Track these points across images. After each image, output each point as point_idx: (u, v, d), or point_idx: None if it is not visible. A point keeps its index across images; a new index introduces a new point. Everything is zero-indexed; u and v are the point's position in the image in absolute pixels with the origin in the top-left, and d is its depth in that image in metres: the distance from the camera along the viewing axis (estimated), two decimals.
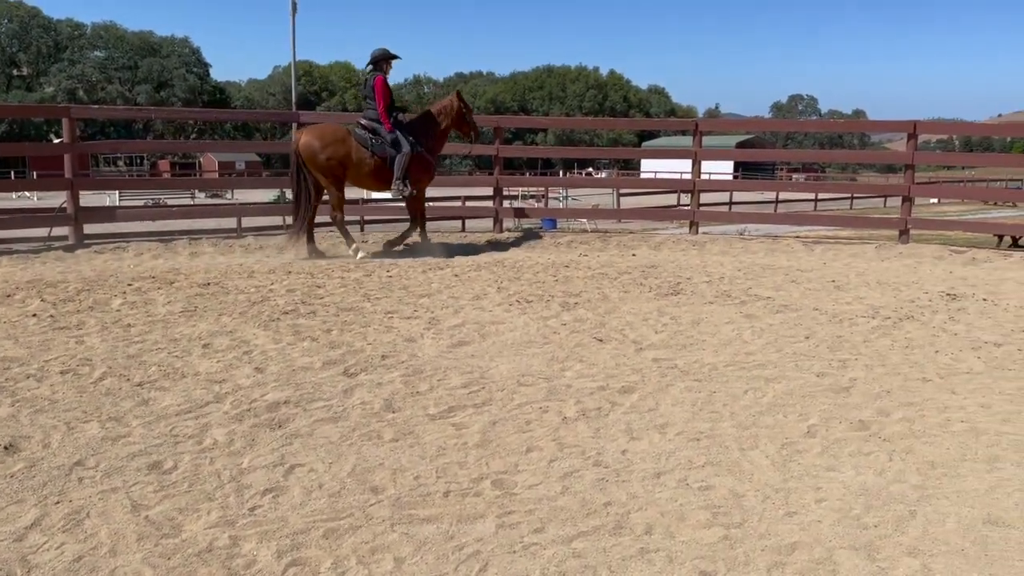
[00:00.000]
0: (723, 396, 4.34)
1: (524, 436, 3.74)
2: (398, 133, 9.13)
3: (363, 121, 9.23)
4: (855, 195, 33.17)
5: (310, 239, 9.27)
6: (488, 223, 12.02)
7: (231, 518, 2.91)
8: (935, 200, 32.52)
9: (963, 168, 61.50)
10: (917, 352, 5.29)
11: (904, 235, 10.75)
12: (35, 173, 44.26)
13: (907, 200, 10.92)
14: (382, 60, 9.24)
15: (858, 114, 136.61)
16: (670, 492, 3.16)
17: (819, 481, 3.28)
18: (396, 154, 9.05)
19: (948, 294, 7.28)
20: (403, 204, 10.12)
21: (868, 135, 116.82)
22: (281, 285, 7.35)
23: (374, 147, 9.06)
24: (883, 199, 33.13)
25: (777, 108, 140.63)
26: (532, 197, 22.92)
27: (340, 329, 5.72)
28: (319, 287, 7.31)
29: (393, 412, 4.04)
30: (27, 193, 38.69)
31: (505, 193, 12.23)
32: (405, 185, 9.13)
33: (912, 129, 10.79)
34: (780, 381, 4.61)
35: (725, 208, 23.69)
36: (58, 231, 10.31)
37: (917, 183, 11.30)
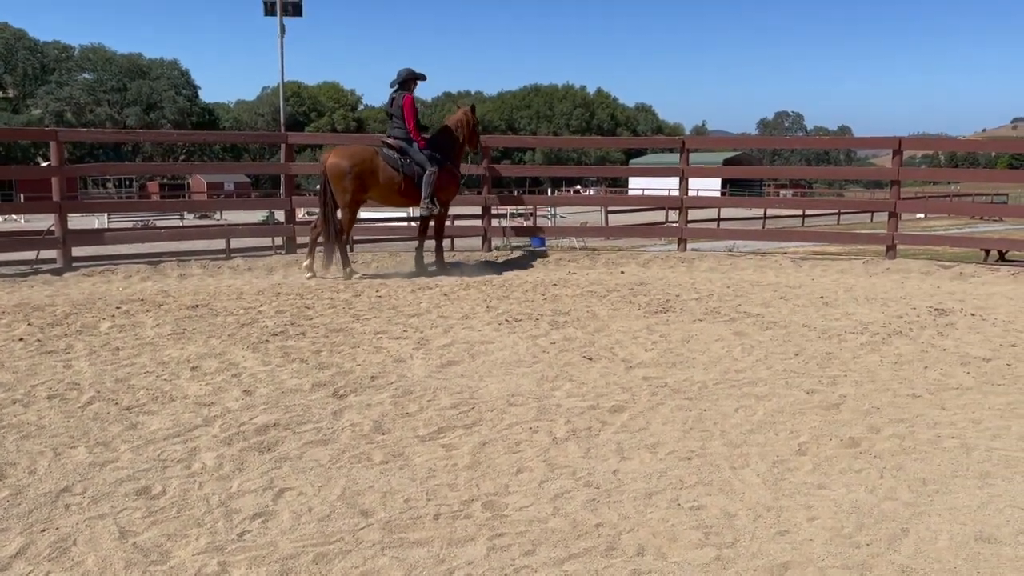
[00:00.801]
0: (714, 414, 4.34)
1: (514, 457, 3.72)
2: (429, 150, 9.30)
3: (390, 140, 9.35)
4: (842, 211, 33.45)
5: (345, 261, 9.22)
6: (477, 242, 12.03)
7: (220, 544, 2.88)
8: (922, 215, 32.77)
9: (949, 183, 62.08)
10: (906, 368, 5.31)
11: (891, 250, 10.82)
12: (22, 196, 44.03)
13: (893, 216, 11.00)
14: (409, 80, 9.39)
15: (844, 130, 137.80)
16: (661, 512, 3.15)
17: (810, 499, 3.28)
18: (424, 172, 9.15)
19: (936, 309, 7.32)
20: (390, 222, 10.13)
21: (854, 151, 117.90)
22: (270, 306, 7.33)
23: (402, 166, 9.19)
24: (870, 214, 33.38)
25: (763, 125, 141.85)
26: (520, 215, 22.98)
27: (330, 350, 5.70)
28: (308, 308, 7.28)
29: (383, 434, 4.02)
30: (14, 216, 38.46)
31: (493, 212, 12.25)
32: (433, 203, 9.30)
33: (897, 145, 10.90)
34: (770, 398, 4.62)
35: (713, 225, 23.80)
36: (46, 254, 10.25)
37: (903, 198, 11.38)
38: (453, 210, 11.64)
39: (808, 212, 31.36)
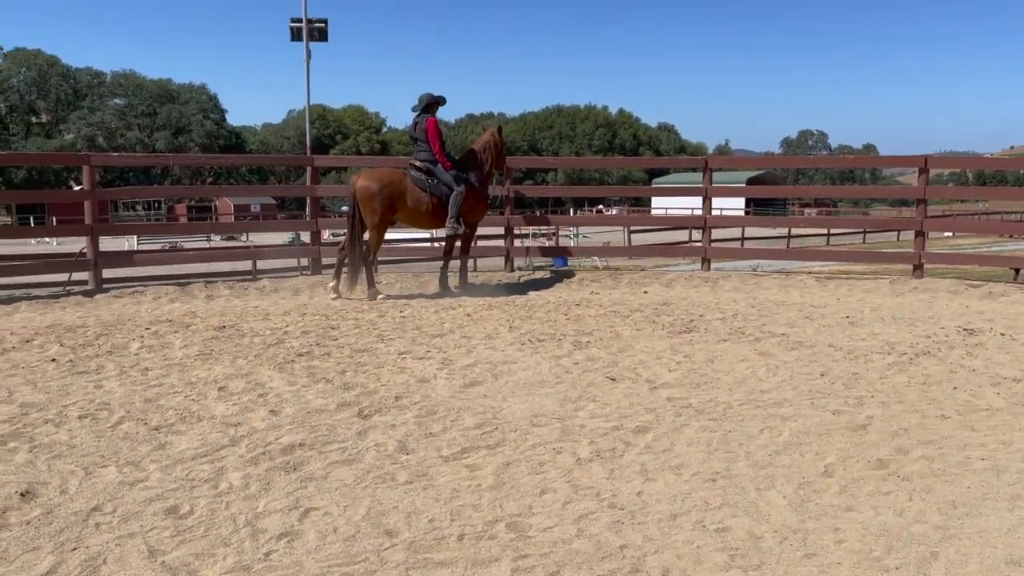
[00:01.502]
0: (738, 435, 4.31)
1: (538, 478, 3.73)
2: (456, 171, 9.43)
3: (417, 163, 9.47)
4: (868, 230, 33.16)
5: (371, 281, 9.32)
6: (499, 262, 12.08)
7: (247, 563, 2.90)
8: (949, 234, 32.40)
9: (977, 201, 61.35)
10: (935, 388, 5.25)
11: (918, 269, 10.71)
12: (55, 219, 44.86)
13: (920, 234, 10.90)
14: (431, 104, 9.54)
15: (869, 149, 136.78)
16: (686, 534, 3.14)
17: (838, 522, 3.25)
18: (451, 192, 9.25)
19: (965, 329, 7.23)
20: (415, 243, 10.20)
21: (880, 169, 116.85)
22: (296, 327, 7.40)
23: (431, 187, 9.32)
24: (896, 233, 33.08)
25: (787, 144, 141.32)
26: (543, 235, 23.03)
27: (354, 370, 5.74)
28: (334, 328, 7.35)
29: (407, 454, 4.04)
30: (47, 239, 39.20)
31: (516, 232, 12.29)
32: (459, 223, 9.41)
33: (923, 164, 10.82)
34: (796, 419, 4.58)
35: (737, 244, 23.70)
36: (78, 276, 10.44)
37: (930, 217, 11.28)
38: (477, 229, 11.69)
39: (833, 231, 31.12)
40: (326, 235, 14.91)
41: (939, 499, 3.46)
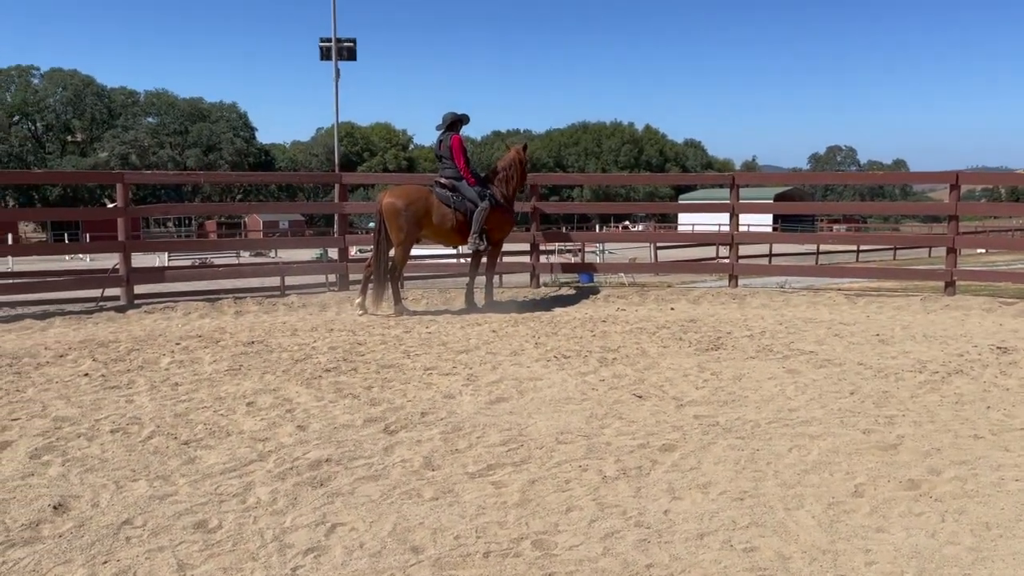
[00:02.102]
0: (766, 454, 4.27)
1: (564, 495, 3.71)
2: (480, 188, 9.52)
3: (442, 180, 9.57)
4: (898, 246, 32.73)
5: (397, 297, 9.40)
6: (525, 278, 12.09)
7: None
8: (982, 250, 31.89)
9: (1011, 217, 60.33)
10: (968, 408, 5.16)
11: (950, 287, 10.56)
12: (88, 236, 45.69)
13: (952, 251, 10.76)
14: (456, 122, 9.67)
15: (899, 164, 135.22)
16: (714, 554, 3.11)
17: (868, 543, 3.20)
18: (475, 208, 9.32)
19: (999, 347, 7.11)
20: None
21: (910, 185, 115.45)
22: (323, 343, 7.46)
23: (455, 204, 9.40)
24: (928, 250, 32.62)
25: (815, 159, 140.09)
26: (569, 251, 23.01)
27: (381, 386, 5.77)
28: (360, 344, 7.40)
29: (433, 470, 4.05)
30: (81, 255, 39.88)
31: (542, 248, 12.30)
32: (482, 239, 9.48)
33: (955, 180, 10.69)
34: (825, 438, 4.53)
35: (765, 260, 23.52)
36: (110, 292, 10.61)
37: (962, 233, 11.12)
38: (503, 246, 11.72)
39: (863, 247, 30.76)
40: (353, 251, 15.03)
41: (972, 521, 3.40)
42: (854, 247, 30.50)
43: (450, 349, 7.16)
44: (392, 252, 9.38)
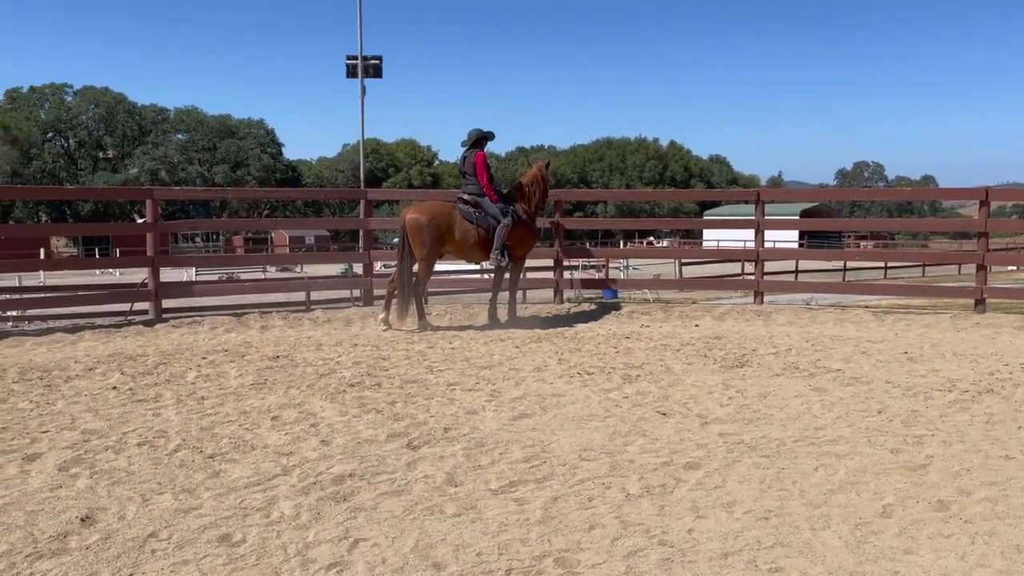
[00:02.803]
0: (792, 473, 4.22)
1: (586, 513, 3.69)
2: (503, 204, 9.59)
3: (465, 196, 9.65)
4: (927, 263, 32.33)
5: (421, 312, 9.46)
6: (549, 294, 12.08)
7: None
8: (1013, 268, 31.40)
9: None
10: (999, 428, 5.07)
11: (980, 304, 10.40)
12: (118, 251, 46.39)
13: (982, 268, 10.61)
14: (481, 139, 9.76)
15: (927, 180, 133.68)
16: (738, 574, 3.07)
17: (896, 565, 3.15)
18: (498, 224, 9.38)
19: None
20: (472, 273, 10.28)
21: (940, 202, 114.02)
22: (348, 357, 7.50)
23: (478, 220, 9.47)
24: (958, 267, 32.18)
25: (842, 175, 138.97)
26: (592, 267, 22.97)
27: (404, 401, 5.79)
28: (384, 359, 7.43)
29: (455, 486, 4.05)
30: (111, 269, 40.46)
31: (565, 264, 12.30)
32: (503, 255, 9.53)
33: (984, 196, 10.55)
34: (852, 457, 4.47)
35: (791, 277, 23.32)
36: (139, 306, 10.76)
37: (993, 250, 10.96)
38: (525, 262, 11.74)
39: (891, 264, 30.41)
40: (378, 266, 15.12)
41: (1003, 543, 3.33)
42: (882, 264, 30.17)
43: (473, 365, 7.17)
44: (415, 267, 9.43)
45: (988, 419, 5.27)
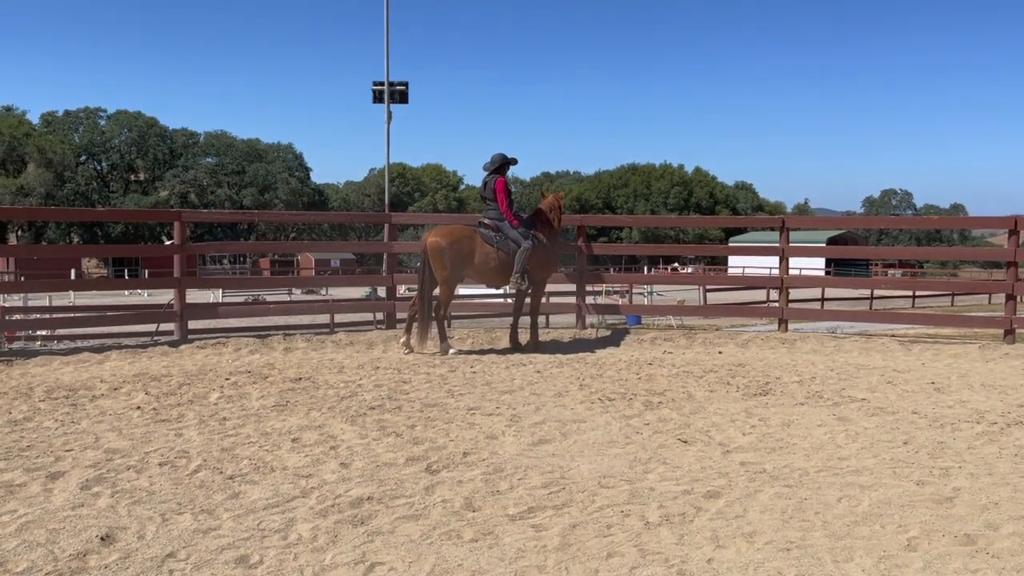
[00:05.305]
0: (815, 504, 4.16)
1: (605, 540, 3.66)
2: (522, 228, 9.63)
3: (486, 220, 9.72)
4: (956, 292, 31.88)
5: (442, 336, 9.50)
6: (571, 318, 12.07)
7: None
8: None
9: None
10: None
11: (1010, 335, 10.23)
12: (147, 271, 47.03)
13: (1011, 298, 10.44)
14: (503, 165, 9.83)
15: (956, 208, 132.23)
16: None
17: None
18: (518, 249, 9.43)
19: None
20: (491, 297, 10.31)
21: (968, 230, 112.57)
22: (369, 380, 7.52)
23: (499, 244, 9.53)
24: (988, 296, 31.69)
25: (870, 203, 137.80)
26: (616, 293, 22.92)
27: (424, 425, 5.79)
28: (405, 383, 7.44)
29: (473, 511, 4.03)
30: (139, 290, 41.03)
31: (588, 289, 12.29)
32: (523, 279, 9.54)
33: (1013, 225, 10.42)
34: (876, 489, 4.39)
35: (817, 305, 23.10)
36: (165, 326, 10.89)
37: (1023, 280, 10.78)
38: (547, 287, 11.75)
39: (919, 293, 30.03)
40: (402, 290, 15.21)
41: None
42: (910, 293, 29.80)
43: (494, 389, 7.16)
44: (437, 291, 9.47)
45: (1017, 451, 5.16)
